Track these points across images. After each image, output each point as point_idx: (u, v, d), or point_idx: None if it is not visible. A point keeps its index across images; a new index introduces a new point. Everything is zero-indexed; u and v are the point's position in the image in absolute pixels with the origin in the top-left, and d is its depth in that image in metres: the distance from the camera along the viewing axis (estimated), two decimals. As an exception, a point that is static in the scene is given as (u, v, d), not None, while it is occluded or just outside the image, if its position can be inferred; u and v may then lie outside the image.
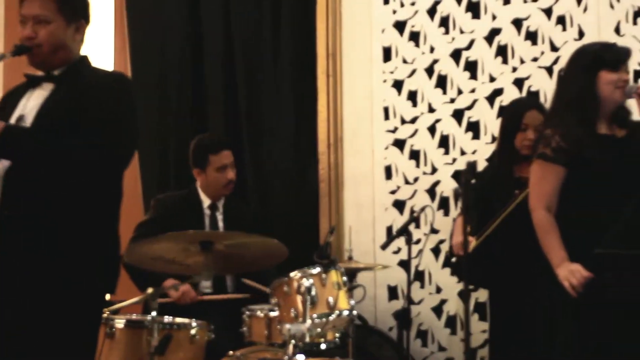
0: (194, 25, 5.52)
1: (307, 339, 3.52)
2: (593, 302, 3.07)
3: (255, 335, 3.90)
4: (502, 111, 4.64)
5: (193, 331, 3.76)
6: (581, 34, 4.57)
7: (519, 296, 4.00)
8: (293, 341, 3.46)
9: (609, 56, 3.37)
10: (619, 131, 3.42)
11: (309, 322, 3.49)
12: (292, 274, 3.62)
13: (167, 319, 3.77)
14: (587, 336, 3.21)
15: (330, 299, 3.59)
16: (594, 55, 3.41)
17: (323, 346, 3.80)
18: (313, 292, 3.55)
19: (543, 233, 3.36)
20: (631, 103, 3.46)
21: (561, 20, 4.63)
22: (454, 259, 4.19)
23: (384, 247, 4.54)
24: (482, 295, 4.67)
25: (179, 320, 3.80)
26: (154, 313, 3.49)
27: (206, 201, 4.58)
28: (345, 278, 3.71)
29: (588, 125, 3.36)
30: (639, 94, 3.31)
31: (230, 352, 3.84)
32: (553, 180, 3.37)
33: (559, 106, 3.48)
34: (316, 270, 3.62)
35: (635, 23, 4.45)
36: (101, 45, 5.79)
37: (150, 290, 3.52)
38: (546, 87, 4.62)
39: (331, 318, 3.57)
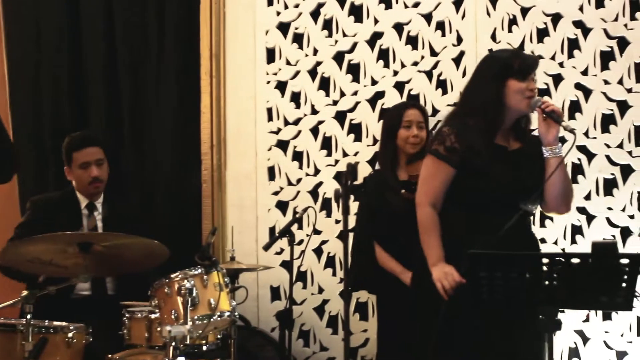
0: (74, 24, 5.40)
1: (188, 341, 3.49)
2: (469, 302, 3.13)
3: (135, 337, 3.84)
4: (384, 114, 4.73)
5: (70, 334, 3.68)
6: (459, 40, 4.69)
7: (405, 299, 4.09)
8: (173, 343, 3.43)
9: (518, 65, 3.36)
10: (514, 143, 3.45)
11: (189, 323, 3.47)
12: (173, 275, 3.59)
13: (42, 322, 3.68)
14: (463, 335, 3.30)
15: (212, 300, 3.58)
16: (503, 63, 3.39)
17: (204, 348, 3.79)
18: (194, 294, 3.52)
19: (424, 231, 3.41)
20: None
21: (440, 26, 4.74)
22: None
23: (267, 247, 4.54)
24: (363, 295, 4.75)
25: (55, 323, 3.71)
26: (29, 316, 3.40)
27: (84, 201, 4.50)
28: (227, 279, 3.71)
29: (488, 133, 3.38)
30: (542, 109, 3.31)
31: (109, 355, 3.78)
32: (441, 178, 3.40)
33: (463, 109, 3.48)
34: (197, 271, 3.60)
35: (510, 30, 4.60)
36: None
37: (24, 292, 3.42)
38: (426, 91, 4.73)
39: (212, 319, 3.56)
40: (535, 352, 3.15)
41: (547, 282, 2.79)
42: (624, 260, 2.75)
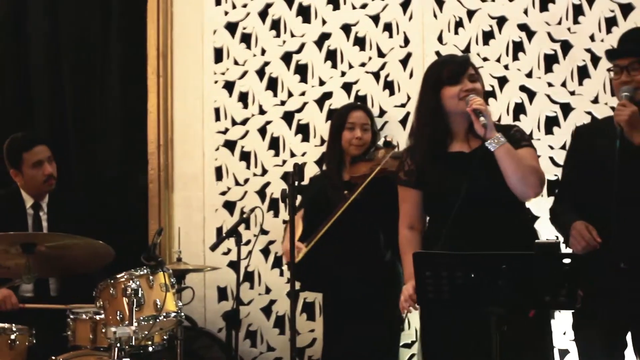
0: (19, 21, 5.32)
1: (134, 342, 3.47)
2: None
3: (80, 339, 3.81)
4: (331, 114, 4.74)
5: (12, 336, 3.63)
6: (407, 41, 4.72)
7: (350, 296, 4.12)
8: (119, 344, 3.41)
9: (447, 72, 3.37)
10: (475, 142, 3.40)
11: (135, 324, 3.45)
12: (118, 276, 3.57)
13: (-16, 324, 3.63)
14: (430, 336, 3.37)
15: (158, 301, 3.57)
16: (435, 74, 3.41)
17: (150, 349, 3.77)
18: (140, 294, 3.51)
19: (401, 252, 3.48)
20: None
21: (388, 28, 4.77)
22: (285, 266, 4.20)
23: (214, 248, 4.53)
24: (310, 295, 4.76)
25: (-3, 325, 3.67)
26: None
27: (29, 201, 4.44)
28: (173, 279, 3.70)
29: (438, 144, 3.39)
30: (472, 109, 3.28)
31: (53, 357, 3.73)
32: (409, 201, 3.45)
33: (414, 127, 3.51)
34: (143, 272, 3.59)
35: (456, 33, 4.64)
36: None
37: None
38: (373, 92, 4.75)
39: (158, 320, 3.54)
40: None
41: (491, 282, 2.82)
42: (566, 260, 2.79)
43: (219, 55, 5.04)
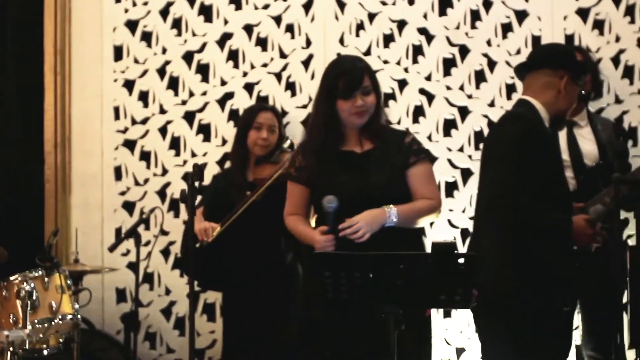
0: None
1: (28, 346, 3.41)
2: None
3: (-29, 343, 3.70)
4: (233, 115, 4.74)
5: None
6: (308, 43, 4.75)
7: (251, 297, 4.12)
8: (12, 348, 3.33)
9: (342, 85, 3.40)
10: (367, 143, 3.47)
11: (29, 327, 3.38)
12: (11, 278, 3.50)
13: None
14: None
15: (53, 303, 3.52)
16: (329, 85, 3.44)
17: (45, 352, 3.70)
18: (34, 297, 3.45)
19: (295, 227, 3.50)
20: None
21: (290, 29, 4.79)
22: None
23: (112, 249, 4.46)
24: (210, 296, 4.74)
25: None
26: None
27: None
28: (69, 281, 3.65)
29: (331, 145, 3.44)
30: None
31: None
32: (297, 196, 3.51)
33: (310, 125, 3.56)
34: (38, 273, 3.52)
35: (357, 35, 4.70)
36: None
37: None
38: (275, 93, 4.76)
39: (54, 323, 3.49)
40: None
41: (389, 282, 2.86)
42: (461, 260, 2.85)
43: (118, 53, 4.97)
